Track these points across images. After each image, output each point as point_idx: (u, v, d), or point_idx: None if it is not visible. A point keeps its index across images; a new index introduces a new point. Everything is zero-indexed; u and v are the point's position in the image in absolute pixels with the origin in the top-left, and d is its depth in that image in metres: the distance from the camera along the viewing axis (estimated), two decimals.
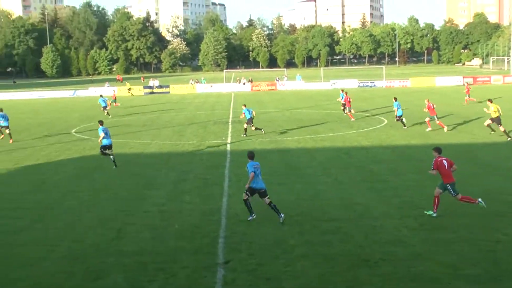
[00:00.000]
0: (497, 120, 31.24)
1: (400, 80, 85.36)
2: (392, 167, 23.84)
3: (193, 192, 20.35)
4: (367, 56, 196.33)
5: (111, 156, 25.64)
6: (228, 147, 30.51)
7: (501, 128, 30.92)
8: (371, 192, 19.66)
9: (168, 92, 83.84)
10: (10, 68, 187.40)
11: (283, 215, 16.36)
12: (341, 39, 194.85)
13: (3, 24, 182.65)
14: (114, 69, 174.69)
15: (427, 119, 34.73)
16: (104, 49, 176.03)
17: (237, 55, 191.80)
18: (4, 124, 35.47)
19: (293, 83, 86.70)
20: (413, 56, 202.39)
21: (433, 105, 34.46)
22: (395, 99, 36.57)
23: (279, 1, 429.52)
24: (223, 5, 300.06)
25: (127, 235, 15.62)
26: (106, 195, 20.15)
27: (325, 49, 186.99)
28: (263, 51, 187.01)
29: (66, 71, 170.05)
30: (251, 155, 17.12)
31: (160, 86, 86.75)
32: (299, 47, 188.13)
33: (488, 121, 31.82)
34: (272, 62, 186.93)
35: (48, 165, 27.03)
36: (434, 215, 16.36)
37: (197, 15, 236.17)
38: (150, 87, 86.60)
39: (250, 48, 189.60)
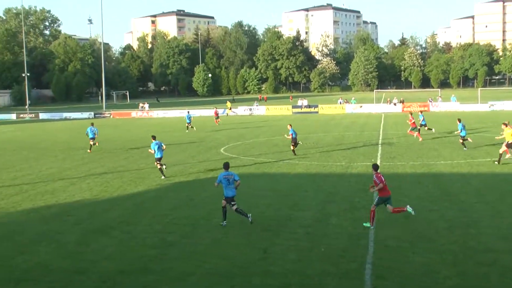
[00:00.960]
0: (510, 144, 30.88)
1: None
2: None
3: (340, 215, 20.23)
4: None
5: (164, 166, 29.45)
6: None
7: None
8: None
9: (317, 112, 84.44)
10: (163, 87, 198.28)
11: (250, 215, 18.88)
12: (501, 58, 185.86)
13: (159, 44, 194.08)
14: (263, 88, 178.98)
15: None
16: (253, 68, 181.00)
17: (388, 74, 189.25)
18: (91, 136, 42.05)
19: (447, 104, 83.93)
20: None
21: None
22: (459, 120, 37.71)
23: (434, 18, 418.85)
24: (374, 23, 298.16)
25: (273, 256, 15.82)
26: (253, 214, 20.55)
27: (483, 69, 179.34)
28: (415, 70, 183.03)
29: (216, 90, 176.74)
30: (225, 165, 19.78)
31: (309, 106, 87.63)
32: (454, 66, 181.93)
33: (504, 148, 30.98)
34: (424, 82, 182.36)
35: (197, 182, 28.13)
36: (370, 226, 18.00)
37: (348, 34, 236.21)
38: (299, 107, 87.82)
39: (402, 68, 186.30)
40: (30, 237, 18.53)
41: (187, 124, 58.54)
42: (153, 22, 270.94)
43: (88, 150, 42.05)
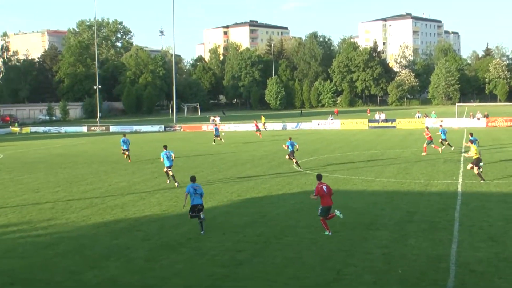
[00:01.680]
0: (476, 162, 31.48)
1: None
2: None
3: (419, 235, 19.82)
4: None
5: (171, 175, 32.89)
6: (459, 187, 29.35)
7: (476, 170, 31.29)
8: None
9: (394, 127, 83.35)
10: (235, 100, 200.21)
11: (203, 232, 20.96)
12: None
13: (231, 56, 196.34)
14: (338, 102, 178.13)
15: None
16: (328, 81, 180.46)
17: (471, 87, 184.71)
18: (125, 147, 45.75)
19: None
20: None
21: None
22: (471, 134, 38.53)
23: None
24: (456, 33, 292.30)
25: (347, 277, 15.65)
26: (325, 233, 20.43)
27: None
28: (501, 83, 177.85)
29: (289, 103, 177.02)
30: (192, 178, 22.42)
31: (386, 120, 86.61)
32: None
33: (470, 165, 32.25)
34: (511, 96, 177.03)
35: (269, 198, 28.19)
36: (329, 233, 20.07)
37: (428, 44, 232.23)
38: (376, 121, 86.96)
39: (486, 80, 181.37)
40: (100, 252, 19.01)
41: (214, 138, 62.08)
42: (225, 33, 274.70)
43: (128, 160, 46.09)
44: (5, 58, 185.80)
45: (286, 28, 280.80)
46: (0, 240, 21.22)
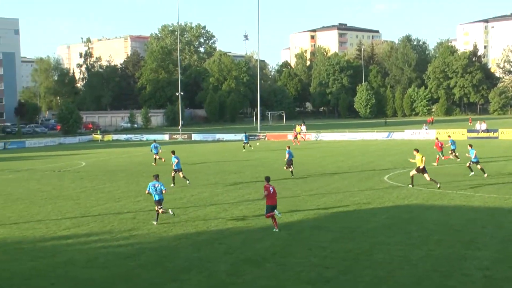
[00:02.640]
0: (422, 170, 34.87)
1: None
2: None
3: None
4: None
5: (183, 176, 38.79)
6: None
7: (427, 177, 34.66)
8: None
9: (497, 137, 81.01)
10: (322, 108, 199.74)
11: (155, 222, 25.94)
12: None
13: (319, 61, 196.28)
14: (433, 110, 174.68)
15: None
16: (423, 87, 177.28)
17: None
18: (155, 151, 52.83)
19: None
20: None
21: None
22: (471, 146, 40.93)
23: None
24: None
25: None
26: (420, 252, 20.03)
27: None
28: None
29: (380, 111, 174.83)
30: (155, 176, 27.01)
31: (487, 130, 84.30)
32: None
33: (413, 172, 35.47)
34: None
35: (358, 212, 27.96)
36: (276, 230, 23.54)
37: None
38: (476, 131, 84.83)
39: None
40: (181, 264, 19.34)
41: (244, 144, 69.09)
42: (312, 37, 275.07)
43: (153, 163, 52.48)
44: (88, 65, 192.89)
45: (377, 31, 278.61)
46: (81, 250, 21.93)
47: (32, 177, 47.48)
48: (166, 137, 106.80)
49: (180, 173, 38.86)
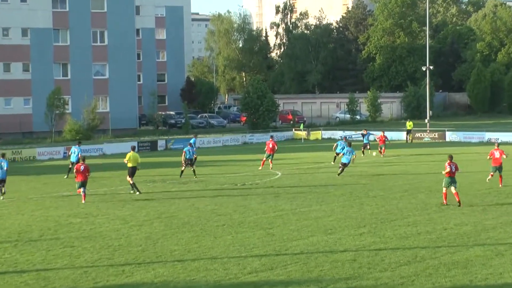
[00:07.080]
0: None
1: None
2: None
3: None
4: None
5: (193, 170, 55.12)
6: None
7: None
8: None
9: None
10: None
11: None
12: None
13: None
14: None
15: None
16: None
17: None
18: (187, 156, 56.90)
19: None
20: None
21: None
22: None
23: None
24: None
25: None
26: None
27: None
28: None
29: None
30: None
31: None
32: None
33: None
34: None
35: None
36: None
37: None
38: None
39: None
40: None
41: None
42: None
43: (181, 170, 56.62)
44: (289, 24, 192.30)
45: None
46: None
47: (204, 192, 48.61)
48: (401, 135, 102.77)
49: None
